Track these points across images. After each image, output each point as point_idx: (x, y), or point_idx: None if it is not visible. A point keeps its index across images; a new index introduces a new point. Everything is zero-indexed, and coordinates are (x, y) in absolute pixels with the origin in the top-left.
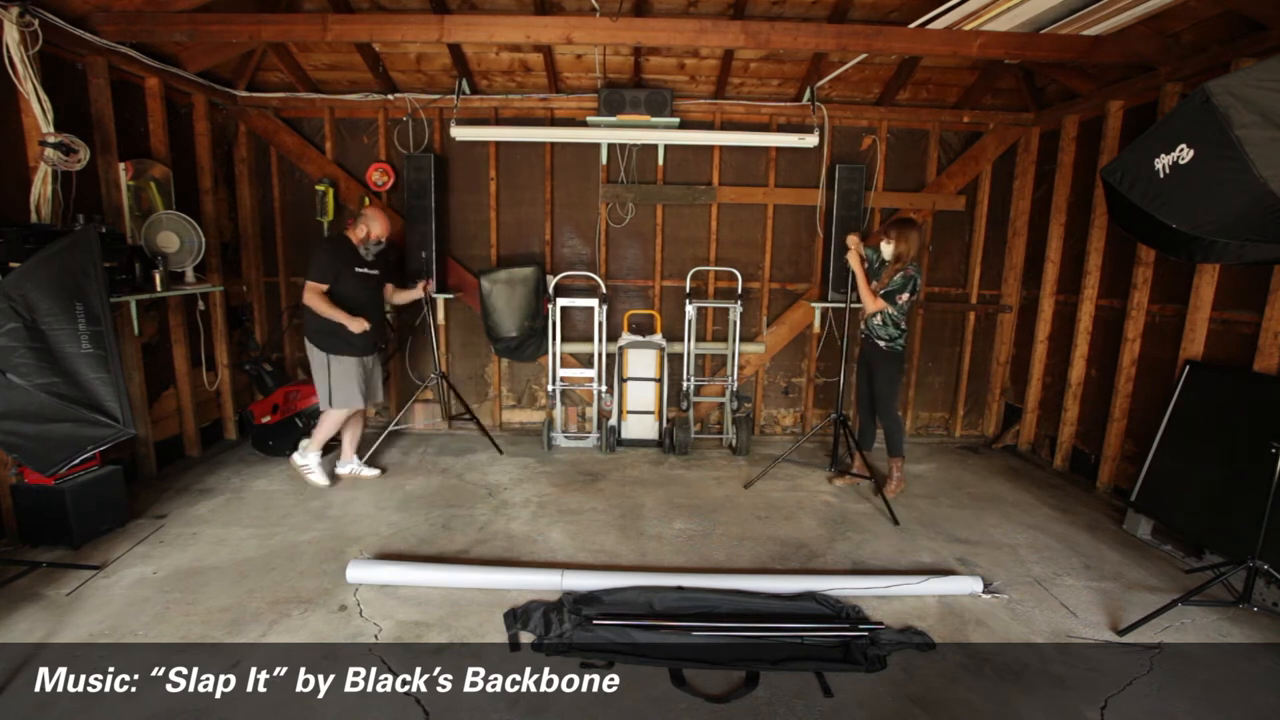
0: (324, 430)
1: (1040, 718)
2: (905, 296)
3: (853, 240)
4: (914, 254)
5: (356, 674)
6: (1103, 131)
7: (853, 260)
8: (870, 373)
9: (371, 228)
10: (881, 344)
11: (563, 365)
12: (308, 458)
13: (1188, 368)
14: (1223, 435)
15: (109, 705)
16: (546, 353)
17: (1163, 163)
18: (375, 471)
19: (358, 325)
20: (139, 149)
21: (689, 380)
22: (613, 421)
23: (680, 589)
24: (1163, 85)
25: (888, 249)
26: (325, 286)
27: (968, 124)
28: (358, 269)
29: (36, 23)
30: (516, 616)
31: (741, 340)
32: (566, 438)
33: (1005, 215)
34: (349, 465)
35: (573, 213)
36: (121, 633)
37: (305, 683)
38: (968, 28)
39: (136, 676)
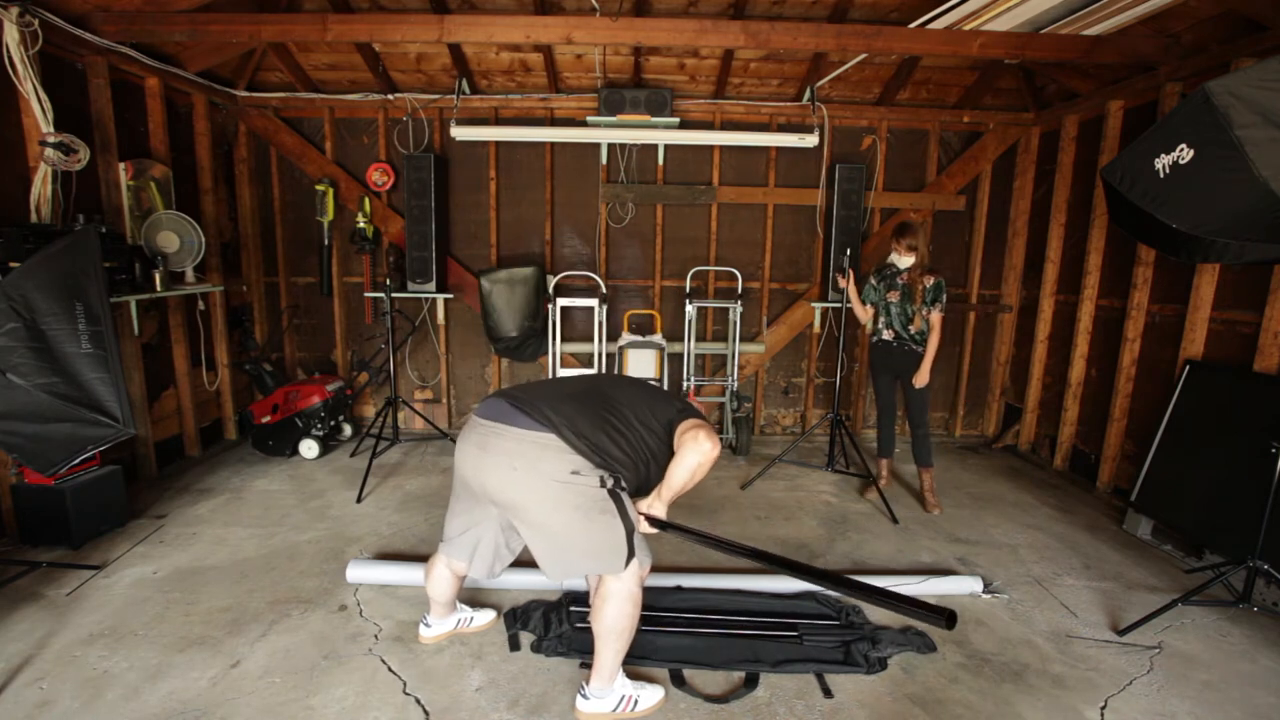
0: (625, 645)
1: (1040, 718)
2: (944, 299)
3: (848, 289)
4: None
5: (356, 674)
6: (1103, 131)
7: (857, 310)
8: (902, 379)
9: None
10: (920, 349)
11: (563, 365)
12: (606, 695)
13: (1188, 368)
14: (1223, 435)
15: (109, 705)
16: (546, 353)
17: (1163, 163)
18: (490, 615)
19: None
20: (139, 149)
21: (689, 380)
22: None
23: (680, 589)
24: (1163, 85)
25: (907, 259)
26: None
27: (968, 124)
28: None
29: (36, 23)
30: (516, 616)
31: (741, 340)
32: None
33: (1005, 215)
34: (455, 618)
35: (573, 212)
36: (121, 633)
37: (305, 683)
38: (968, 28)
39: (136, 676)
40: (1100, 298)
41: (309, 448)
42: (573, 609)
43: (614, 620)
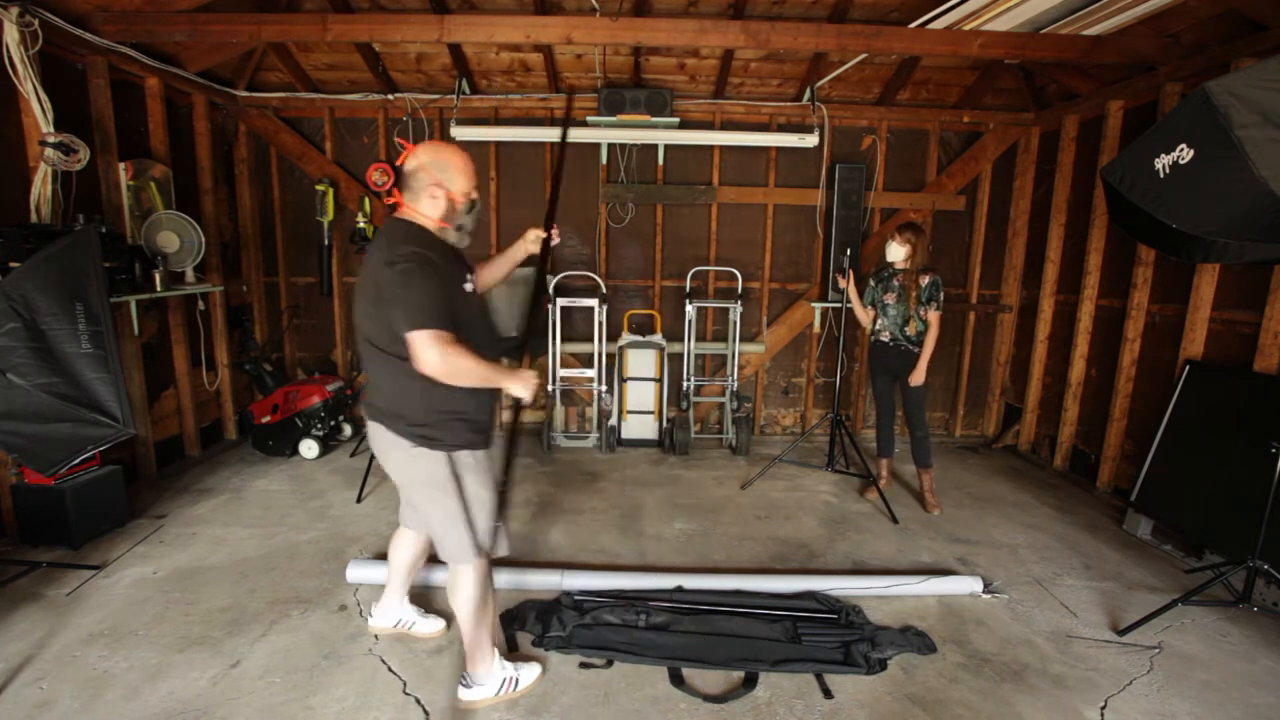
0: (485, 626)
1: (1040, 718)
2: (941, 297)
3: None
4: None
5: (356, 674)
6: (1103, 131)
7: (857, 310)
8: (899, 380)
9: (453, 183)
10: (916, 350)
11: (563, 365)
12: (487, 681)
13: (1188, 367)
14: (1223, 435)
15: (109, 705)
16: (546, 352)
17: (1163, 163)
18: (438, 625)
19: (522, 382)
20: (139, 149)
21: (689, 380)
22: (613, 421)
23: (680, 589)
24: (1163, 85)
25: (899, 249)
26: (447, 333)
27: (968, 124)
28: (465, 280)
29: (36, 23)
30: (514, 616)
31: (741, 340)
32: (566, 437)
33: (1005, 215)
34: (398, 614)
35: (573, 212)
36: (121, 633)
37: (305, 683)
38: (968, 28)
39: (136, 676)
40: (1100, 298)
41: (309, 448)
42: (574, 607)
43: (467, 603)
